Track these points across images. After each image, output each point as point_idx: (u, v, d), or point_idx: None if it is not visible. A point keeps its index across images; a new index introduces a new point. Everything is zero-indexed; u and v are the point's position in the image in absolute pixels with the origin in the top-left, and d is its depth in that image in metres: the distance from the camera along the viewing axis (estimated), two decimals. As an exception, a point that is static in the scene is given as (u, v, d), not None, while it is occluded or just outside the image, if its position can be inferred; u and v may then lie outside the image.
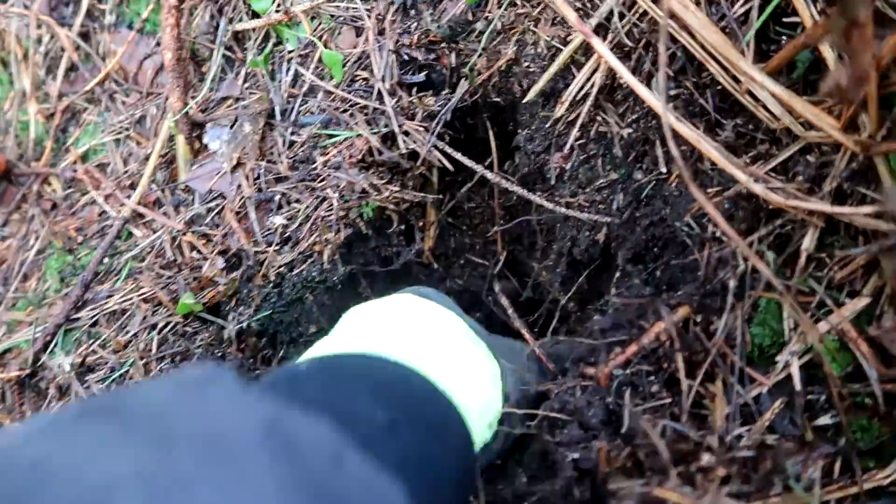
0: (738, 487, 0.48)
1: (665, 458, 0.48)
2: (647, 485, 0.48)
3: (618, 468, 0.52)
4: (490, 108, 0.85)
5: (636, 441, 0.53)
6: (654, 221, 0.66)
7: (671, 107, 0.67)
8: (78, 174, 0.94)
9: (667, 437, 0.54)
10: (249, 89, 0.90)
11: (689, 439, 0.53)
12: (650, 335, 0.59)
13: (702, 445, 0.52)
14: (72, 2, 0.99)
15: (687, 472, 0.49)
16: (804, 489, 0.50)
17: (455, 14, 0.82)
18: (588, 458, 0.56)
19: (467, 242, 0.95)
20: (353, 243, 0.84)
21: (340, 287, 0.85)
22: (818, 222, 0.56)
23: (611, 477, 0.51)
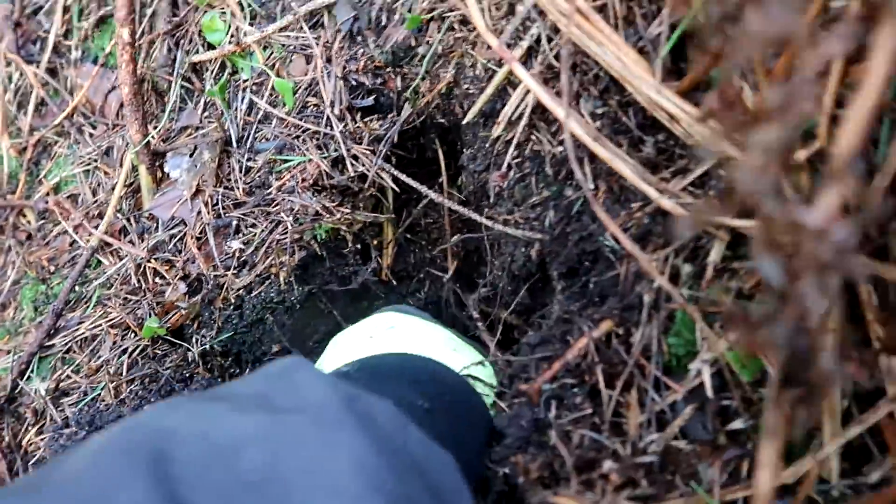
0: (642, 491, 0.50)
1: (569, 466, 0.51)
2: (555, 494, 0.51)
3: (535, 479, 0.54)
4: (436, 128, 0.88)
5: (555, 452, 0.56)
6: (584, 237, 0.69)
7: (596, 125, 0.70)
8: (49, 205, 0.98)
9: (584, 446, 0.57)
10: (208, 118, 0.93)
11: (605, 448, 0.56)
12: (574, 350, 0.62)
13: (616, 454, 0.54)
14: (39, 39, 1.02)
15: (590, 478, 0.52)
16: (706, 490, 0.52)
17: (398, 40, 0.85)
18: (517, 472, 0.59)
19: (427, 257, 0.98)
20: (309, 264, 0.87)
21: (300, 307, 0.88)
22: (724, 235, 0.59)
23: (530, 489, 0.54)
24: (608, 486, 0.51)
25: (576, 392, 0.61)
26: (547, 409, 0.62)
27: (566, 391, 0.62)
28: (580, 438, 0.57)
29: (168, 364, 0.87)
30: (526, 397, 0.63)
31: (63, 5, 1.01)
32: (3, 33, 1.01)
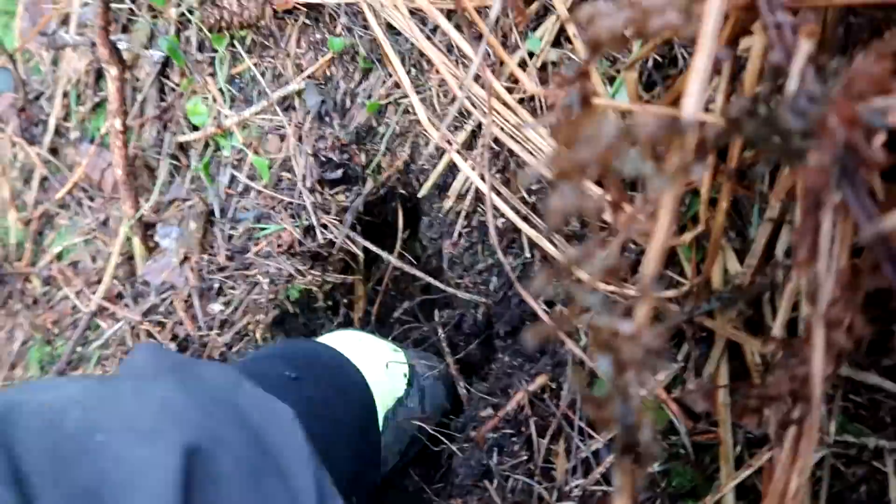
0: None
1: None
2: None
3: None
4: (399, 197, 0.98)
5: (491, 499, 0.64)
6: (522, 300, 0.78)
7: (534, 199, 0.79)
8: (53, 272, 1.07)
9: (517, 491, 0.65)
10: (194, 191, 1.03)
11: (533, 492, 0.64)
12: (513, 402, 0.71)
13: (542, 498, 0.63)
14: (41, 122, 1.13)
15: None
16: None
17: (360, 121, 0.94)
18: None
19: (394, 304, 1.07)
20: (283, 320, 0.96)
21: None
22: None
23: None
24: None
25: (514, 441, 0.70)
26: (489, 456, 0.70)
27: (506, 440, 0.70)
28: (514, 483, 0.66)
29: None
30: (475, 443, 0.72)
31: (63, 92, 1.12)
32: (8, 119, 1.12)
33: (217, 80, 1.01)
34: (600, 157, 0.34)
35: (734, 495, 0.61)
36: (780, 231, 0.58)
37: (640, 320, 0.39)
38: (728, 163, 0.56)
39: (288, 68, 0.98)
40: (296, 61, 0.98)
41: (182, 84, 1.03)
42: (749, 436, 0.62)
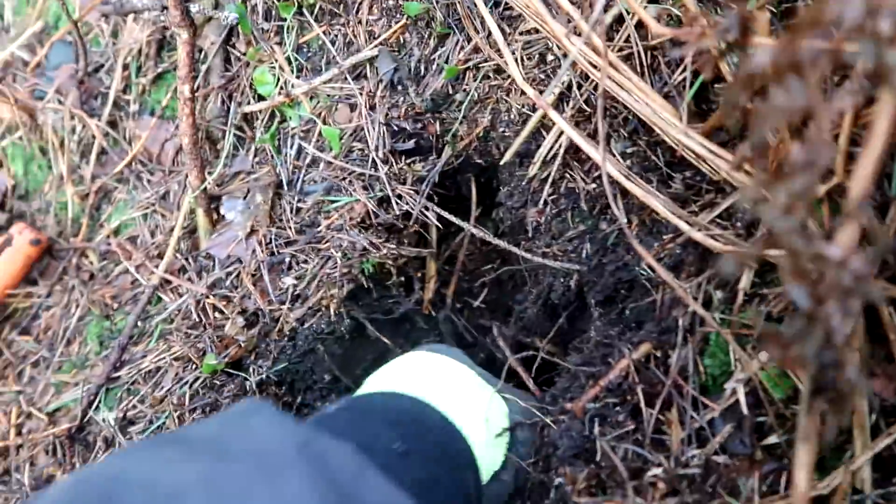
0: (686, 499, 0.55)
1: (623, 475, 0.56)
2: (606, 500, 0.55)
3: (583, 489, 0.59)
4: (475, 168, 0.94)
5: (601, 464, 0.60)
6: (619, 267, 0.74)
7: (627, 164, 0.76)
8: (112, 247, 1.05)
9: (628, 460, 0.61)
10: (259, 164, 1.00)
11: (648, 461, 0.61)
12: (615, 371, 0.67)
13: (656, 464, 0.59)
14: (100, 94, 1.10)
15: (640, 486, 0.56)
16: (746, 500, 0.56)
17: (436, 88, 0.91)
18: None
19: (465, 287, 1.04)
20: (357, 296, 0.93)
21: (348, 336, 0.94)
22: (752, 263, 0.64)
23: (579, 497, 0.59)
24: (656, 494, 0.55)
25: (618, 411, 0.66)
26: (591, 427, 0.66)
27: (609, 410, 0.66)
28: (624, 452, 0.62)
29: (227, 394, 0.93)
30: (572, 414, 0.68)
31: (122, 63, 1.09)
32: (68, 91, 1.10)
33: (284, 49, 0.99)
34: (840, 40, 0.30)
35: (870, 467, 0.57)
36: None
37: (847, 243, 0.36)
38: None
39: (359, 35, 0.96)
40: (367, 28, 0.96)
41: (248, 53, 1.00)
42: (885, 404, 0.58)
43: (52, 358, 1.04)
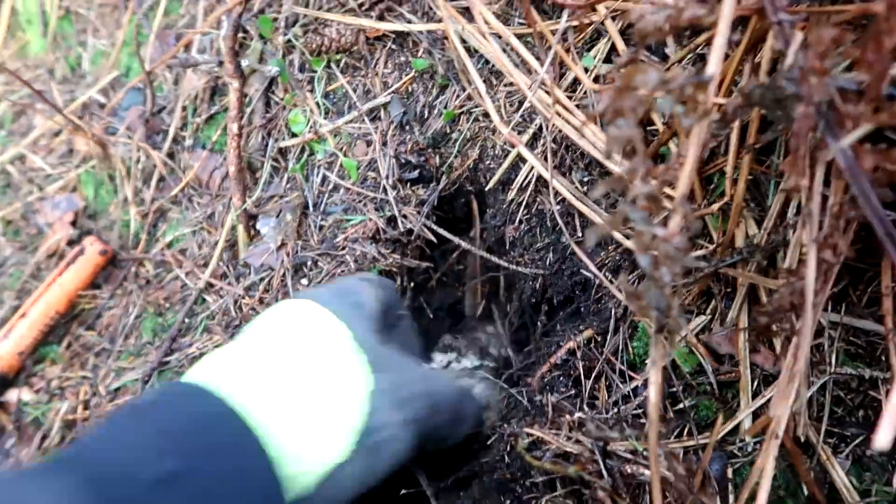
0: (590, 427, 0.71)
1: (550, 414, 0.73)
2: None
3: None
4: (466, 194, 1.13)
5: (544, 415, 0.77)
6: (574, 272, 0.92)
7: (585, 189, 0.94)
8: (166, 257, 1.25)
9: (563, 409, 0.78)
10: (290, 189, 1.21)
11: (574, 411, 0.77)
12: (562, 351, 0.84)
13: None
14: (162, 131, 1.33)
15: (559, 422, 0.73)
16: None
17: (437, 128, 1.11)
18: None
19: (458, 295, 1.22)
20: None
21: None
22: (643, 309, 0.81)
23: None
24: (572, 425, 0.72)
25: (563, 381, 0.83)
26: (542, 394, 0.83)
27: (556, 381, 0.83)
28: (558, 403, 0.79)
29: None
30: (530, 387, 0.85)
31: (181, 106, 1.32)
32: (136, 128, 1.32)
33: (315, 95, 1.20)
34: (645, 99, 0.49)
35: (751, 419, 0.73)
36: (790, 200, 0.72)
37: (673, 227, 0.54)
38: (748, 140, 0.70)
39: (376, 85, 1.16)
40: (382, 79, 1.16)
41: (285, 98, 1.22)
42: (765, 373, 0.74)
43: (112, 349, 1.24)
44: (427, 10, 1.14)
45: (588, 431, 0.67)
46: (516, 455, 0.79)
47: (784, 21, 0.56)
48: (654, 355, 0.56)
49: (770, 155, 0.76)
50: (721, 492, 0.70)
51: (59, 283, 1.26)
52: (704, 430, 0.76)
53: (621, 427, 0.69)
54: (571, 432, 0.72)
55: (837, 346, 0.71)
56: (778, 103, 0.55)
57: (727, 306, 0.77)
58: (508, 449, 0.80)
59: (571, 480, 0.74)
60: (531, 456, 0.72)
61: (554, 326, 0.93)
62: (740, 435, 0.74)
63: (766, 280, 0.70)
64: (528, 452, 0.72)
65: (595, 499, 0.70)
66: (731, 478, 0.72)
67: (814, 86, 0.50)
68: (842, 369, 0.70)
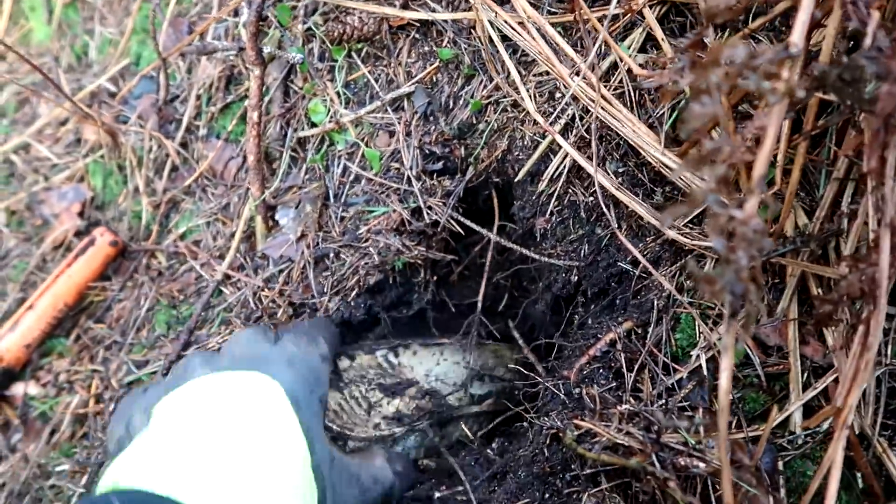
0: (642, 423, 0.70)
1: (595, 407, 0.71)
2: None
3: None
4: (493, 185, 1.12)
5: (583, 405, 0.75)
6: (610, 263, 0.91)
7: (619, 181, 0.93)
8: (179, 248, 1.22)
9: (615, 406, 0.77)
10: (309, 180, 1.18)
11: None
12: (602, 342, 0.83)
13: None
14: (175, 121, 1.30)
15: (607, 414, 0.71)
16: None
17: (462, 119, 1.09)
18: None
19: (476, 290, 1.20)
20: (382, 289, 1.10)
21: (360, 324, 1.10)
22: (715, 255, 0.80)
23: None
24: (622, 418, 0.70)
25: (602, 373, 0.81)
26: (580, 386, 0.82)
27: (596, 373, 0.82)
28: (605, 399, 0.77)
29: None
30: (566, 380, 0.84)
31: (195, 95, 1.29)
32: (148, 116, 1.29)
33: (335, 85, 1.18)
34: (732, 75, 0.47)
35: (801, 413, 0.72)
36: (845, 189, 0.71)
37: (750, 209, 0.52)
38: (805, 127, 0.69)
39: (399, 75, 1.14)
40: (406, 69, 1.14)
41: (305, 88, 1.19)
42: (814, 365, 0.73)
43: (124, 342, 1.20)
44: (451, 0, 1.12)
45: (657, 419, 0.65)
46: (556, 448, 0.77)
47: (859, 1, 0.54)
48: (727, 341, 0.54)
49: (819, 145, 0.75)
50: (773, 484, 0.68)
51: (68, 274, 1.22)
52: (752, 423, 0.74)
53: (670, 419, 0.68)
54: (622, 424, 0.70)
55: (893, 338, 0.70)
56: (851, 84, 0.54)
57: (775, 298, 0.76)
58: (548, 442, 0.78)
59: (618, 474, 0.72)
60: (582, 448, 0.70)
61: (586, 320, 0.92)
62: (790, 427, 0.72)
63: (821, 268, 0.69)
64: (578, 444, 0.70)
65: (645, 492, 0.69)
66: (781, 471, 0.70)
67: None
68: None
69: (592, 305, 0.92)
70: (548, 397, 0.85)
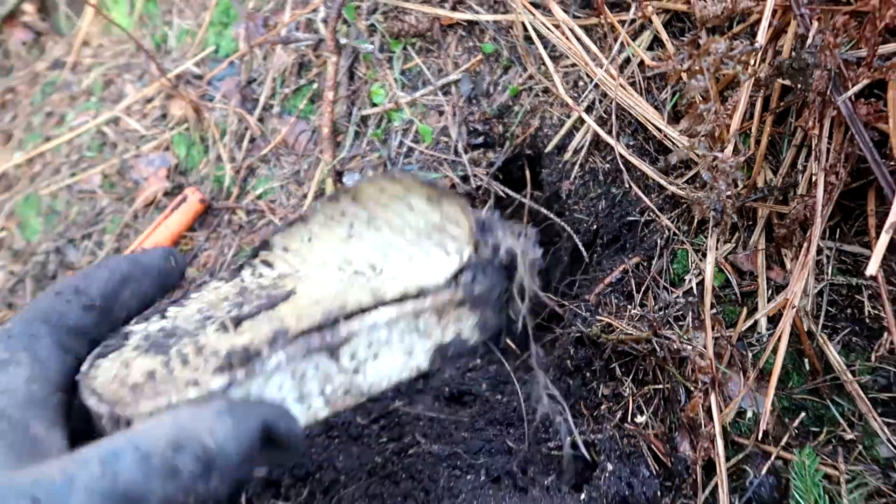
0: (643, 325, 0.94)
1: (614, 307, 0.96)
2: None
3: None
4: (525, 157, 1.36)
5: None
6: (622, 215, 1.15)
7: (630, 150, 1.17)
8: (258, 206, 1.46)
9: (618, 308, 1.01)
10: (370, 150, 1.42)
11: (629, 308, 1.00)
12: (616, 272, 1.07)
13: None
14: (252, 100, 1.54)
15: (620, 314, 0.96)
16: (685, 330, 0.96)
17: (501, 102, 1.34)
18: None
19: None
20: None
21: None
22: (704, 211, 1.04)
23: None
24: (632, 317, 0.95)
25: (616, 295, 1.06)
26: (598, 307, 1.06)
27: (609, 296, 1.06)
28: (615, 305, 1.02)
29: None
30: (588, 301, 1.08)
31: (272, 78, 1.53)
32: (231, 95, 1.53)
33: (393, 72, 1.42)
34: (715, 61, 0.72)
35: (766, 319, 0.97)
36: (800, 153, 0.96)
37: (728, 152, 0.77)
38: (770, 106, 0.94)
39: (448, 65, 1.39)
40: (454, 60, 1.39)
41: (367, 74, 1.43)
42: (777, 284, 0.98)
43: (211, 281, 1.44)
44: (492, 4, 1.37)
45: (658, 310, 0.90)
46: (581, 349, 1.02)
47: (805, 14, 0.79)
48: (712, 243, 0.79)
49: (783, 122, 1.00)
50: (742, 365, 0.93)
51: (165, 224, 1.46)
52: (730, 328, 0.99)
53: (668, 322, 0.92)
54: (631, 322, 0.95)
55: (833, 264, 0.94)
56: (799, 71, 0.79)
57: (748, 235, 1.00)
58: (575, 345, 1.02)
59: (628, 363, 0.96)
60: (605, 336, 0.94)
61: (602, 260, 1.16)
62: (758, 329, 0.97)
63: (782, 207, 0.94)
64: (603, 333, 0.95)
65: (647, 371, 0.93)
66: (749, 358, 0.95)
67: (827, 57, 0.73)
68: (835, 279, 0.93)
69: (607, 250, 1.16)
70: (571, 316, 1.09)
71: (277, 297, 0.53)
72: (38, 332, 0.49)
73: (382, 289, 0.49)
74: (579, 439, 0.94)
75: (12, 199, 1.77)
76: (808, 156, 0.95)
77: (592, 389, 1.01)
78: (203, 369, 0.46)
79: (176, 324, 0.53)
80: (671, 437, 0.94)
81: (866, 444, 0.89)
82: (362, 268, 0.53)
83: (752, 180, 0.98)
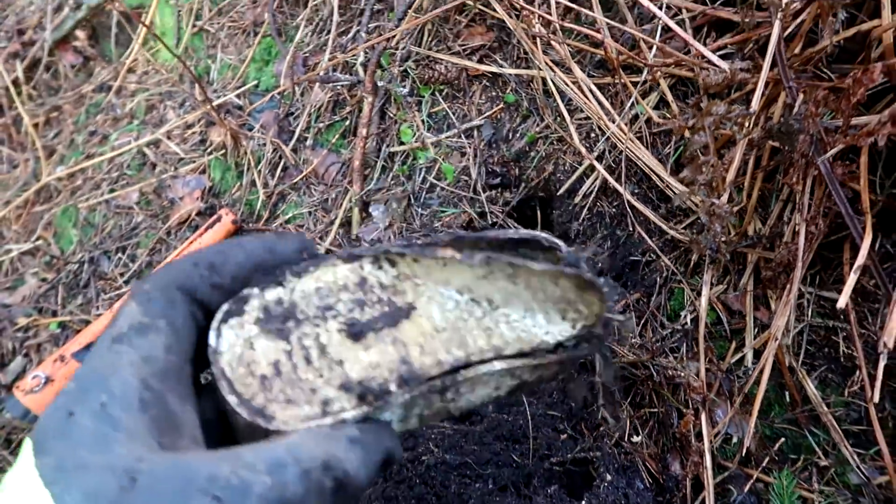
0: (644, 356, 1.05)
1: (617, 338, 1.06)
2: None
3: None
4: (537, 199, 1.48)
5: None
6: (625, 255, 1.27)
7: (635, 197, 1.29)
8: (287, 230, 1.57)
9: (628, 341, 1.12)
10: (395, 184, 1.54)
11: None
12: (618, 307, 1.18)
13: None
14: (288, 132, 1.66)
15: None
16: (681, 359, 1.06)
17: (519, 147, 1.47)
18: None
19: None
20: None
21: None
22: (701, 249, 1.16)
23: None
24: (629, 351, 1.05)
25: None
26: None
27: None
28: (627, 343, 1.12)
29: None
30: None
31: (308, 113, 1.66)
32: (270, 126, 1.66)
33: (421, 114, 1.55)
34: (715, 121, 0.84)
35: (752, 354, 1.07)
36: (787, 207, 1.08)
37: (723, 199, 0.89)
38: (762, 164, 1.06)
39: (472, 111, 1.52)
40: (477, 107, 1.52)
41: (397, 115, 1.56)
42: (762, 323, 1.09)
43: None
44: (515, 59, 1.51)
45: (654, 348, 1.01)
46: (581, 377, 1.12)
47: (793, 86, 0.92)
48: (707, 279, 0.90)
49: (772, 179, 1.12)
50: (729, 394, 1.03)
51: (199, 242, 1.57)
52: (720, 361, 1.09)
53: (664, 352, 1.03)
54: (632, 350, 1.05)
55: (812, 307, 1.06)
56: (787, 135, 0.91)
57: (738, 278, 1.12)
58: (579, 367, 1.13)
59: (628, 387, 1.07)
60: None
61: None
62: (744, 363, 1.08)
63: (768, 253, 1.06)
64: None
65: (644, 395, 1.03)
66: (736, 387, 1.05)
67: (810, 124, 0.85)
68: (814, 321, 1.04)
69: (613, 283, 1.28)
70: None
71: (399, 311, 0.53)
72: (175, 299, 0.47)
73: (496, 331, 0.52)
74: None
75: (51, 211, 1.89)
76: (793, 209, 1.07)
77: (592, 412, 1.11)
78: (327, 378, 0.48)
79: (293, 298, 0.52)
80: (663, 456, 1.04)
81: (839, 471, 0.99)
82: (480, 298, 0.53)
83: (743, 228, 1.10)
